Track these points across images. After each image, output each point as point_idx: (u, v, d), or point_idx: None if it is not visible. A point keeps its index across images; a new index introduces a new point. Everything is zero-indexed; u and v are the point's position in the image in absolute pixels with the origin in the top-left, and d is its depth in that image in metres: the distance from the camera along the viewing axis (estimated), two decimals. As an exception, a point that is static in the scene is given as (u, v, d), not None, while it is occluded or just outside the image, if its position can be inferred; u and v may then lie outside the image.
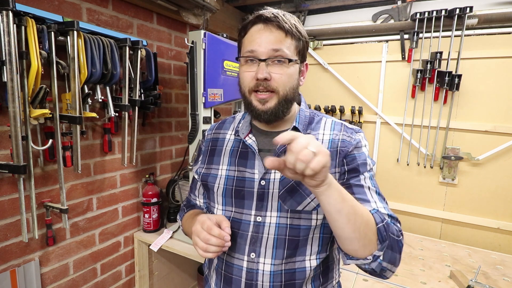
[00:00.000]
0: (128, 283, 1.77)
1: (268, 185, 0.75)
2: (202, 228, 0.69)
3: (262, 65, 0.70)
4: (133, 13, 1.58)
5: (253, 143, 0.79)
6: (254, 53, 0.71)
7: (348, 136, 0.77)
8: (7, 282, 1.20)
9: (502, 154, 1.77)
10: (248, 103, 0.76)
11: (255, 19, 0.73)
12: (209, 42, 1.47)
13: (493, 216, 1.81)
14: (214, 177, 0.83)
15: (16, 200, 1.19)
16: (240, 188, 0.78)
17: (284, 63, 0.72)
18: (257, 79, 0.71)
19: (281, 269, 0.75)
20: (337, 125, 0.80)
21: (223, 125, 0.91)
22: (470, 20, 1.72)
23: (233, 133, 0.86)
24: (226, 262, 0.79)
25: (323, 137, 0.78)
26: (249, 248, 0.76)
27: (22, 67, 1.07)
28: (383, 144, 2.07)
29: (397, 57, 1.97)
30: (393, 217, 0.74)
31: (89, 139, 1.46)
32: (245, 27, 0.76)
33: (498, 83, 1.74)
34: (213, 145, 0.88)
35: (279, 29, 0.71)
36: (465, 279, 1.28)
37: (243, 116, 0.88)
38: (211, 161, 0.86)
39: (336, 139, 0.77)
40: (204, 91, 1.48)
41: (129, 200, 1.71)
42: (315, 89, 2.23)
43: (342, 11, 2.13)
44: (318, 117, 0.83)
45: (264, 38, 0.71)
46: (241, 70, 0.76)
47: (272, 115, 0.74)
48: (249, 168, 0.78)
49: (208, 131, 0.94)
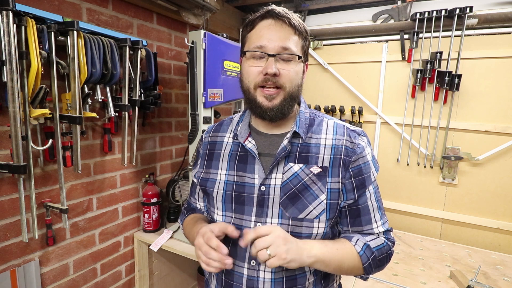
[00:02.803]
0: (128, 283, 1.77)
1: (269, 190, 0.73)
2: (203, 240, 0.69)
3: (272, 60, 0.69)
4: (133, 13, 1.58)
5: (253, 147, 0.77)
6: (263, 48, 0.70)
7: (351, 142, 0.75)
8: (7, 282, 1.20)
9: (502, 154, 1.77)
10: (252, 100, 0.73)
11: (265, 13, 0.72)
12: (209, 42, 1.47)
13: (493, 216, 1.81)
14: (213, 182, 0.80)
15: (16, 200, 1.19)
16: (239, 193, 0.76)
17: (292, 60, 0.71)
18: (266, 74, 0.69)
19: (282, 276, 0.74)
20: (340, 127, 0.78)
21: (221, 127, 0.88)
22: (470, 20, 1.72)
23: (231, 136, 0.83)
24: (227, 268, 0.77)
25: (326, 142, 0.76)
26: (250, 256, 0.74)
27: (22, 67, 1.07)
28: (383, 144, 2.07)
29: (397, 57, 1.97)
30: (388, 230, 0.80)
31: (89, 139, 1.46)
32: (252, 21, 0.74)
33: (498, 83, 1.74)
34: (211, 148, 0.85)
35: (290, 26, 0.70)
36: (465, 279, 1.28)
37: (241, 117, 0.85)
38: (210, 165, 0.83)
39: (340, 145, 0.75)
40: (204, 91, 1.48)
41: (129, 200, 1.71)
42: (315, 89, 2.23)
43: (342, 11, 2.13)
44: (319, 118, 0.80)
45: (274, 34, 0.70)
46: (246, 64, 0.73)
47: (278, 111, 0.72)
48: (249, 173, 0.76)
49: (205, 133, 0.91)
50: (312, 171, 0.73)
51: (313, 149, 0.75)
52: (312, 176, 0.73)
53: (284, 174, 0.73)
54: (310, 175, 0.73)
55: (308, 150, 0.75)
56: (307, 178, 0.73)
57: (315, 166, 0.73)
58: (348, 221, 0.77)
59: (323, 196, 0.72)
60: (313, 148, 0.75)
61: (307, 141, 0.76)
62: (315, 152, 0.75)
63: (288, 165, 0.74)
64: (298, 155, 0.75)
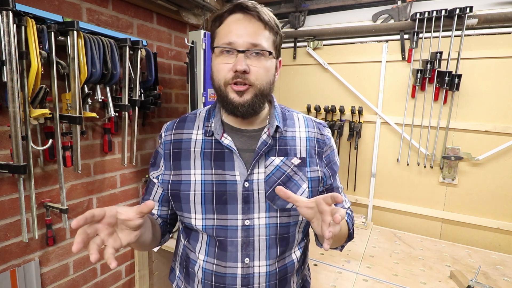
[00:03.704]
0: (128, 283, 1.77)
1: (252, 186, 0.73)
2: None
3: (241, 57, 0.67)
4: (133, 13, 1.58)
5: (231, 143, 0.74)
6: (232, 44, 0.67)
7: (321, 134, 0.83)
8: (7, 282, 1.20)
9: (502, 154, 1.77)
10: (223, 96, 0.71)
11: (234, 8, 0.69)
12: (209, 42, 1.47)
13: (493, 216, 1.81)
14: (187, 184, 0.74)
15: (16, 200, 1.19)
16: (221, 192, 0.73)
17: (262, 56, 0.69)
18: (235, 71, 0.67)
19: (276, 268, 0.76)
20: (309, 120, 0.84)
21: (184, 123, 0.81)
22: (470, 20, 1.72)
23: (201, 132, 0.78)
24: (216, 273, 0.74)
25: (300, 135, 0.80)
26: (242, 254, 0.73)
27: (22, 67, 1.07)
28: (383, 144, 2.07)
29: (397, 57, 1.97)
30: (349, 206, 0.91)
31: (89, 139, 1.46)
32: (220, 16, 0.71)
33: (498, 83, 1.74)
34: (177, 147, 0.78)
35: (259, 20, 0.68)
36: (465, 279, 1.28)
37: (211, 113, 0.80)
38: (179, 166, 0.76)
39: (312, 137, 0.81)
40: (204, 91, 1.48)
41: (129, 200, 1.71)
42: (315, 89, 2.23)
43: (342, 11, 2.13)
44: (289, 113, 0.84)
45: (243, 29, 0.67)
46: (216, 61, 0.71)
47: (250, 107, 0.70)
48: (228, 170, 0.73)
49: (164, 132, 0.82)
50: (293, 162, 0.76)
51: (290, 142, 0.78)
52: (293, 168, 0.76)
53: (266, 168, 0.74)
54: (291, 167, 0.76)
55: (286, 143, 0.78)
56: (289, 169, 0.76)
57: (295, 157, 0.77)
58: None
59: (305, 185, 0.76)
60: (290, 141, 0.78)
61: (284, 134, 0.78)
62: (292, 144, 0.78)
63: (270, 158, 0.75)
64: (278, 148, 0.76)
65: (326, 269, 1.41)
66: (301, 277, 0.88)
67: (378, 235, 1.81)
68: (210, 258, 0.75)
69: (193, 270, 0.78)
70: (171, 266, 0.93)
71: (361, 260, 1.49)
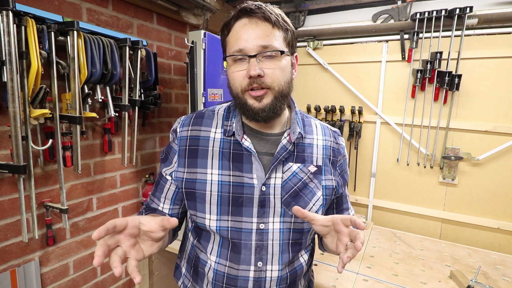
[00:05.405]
0: (128, 283, 1.77)
1: (269, 190, 0.72)
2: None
3: (253, 62, 0.65)
4: (133, 13, 1.58)
5: (251, 145, 0.73)
6: (243, 50, 0.66)
7: (336, 143, 0.84)
8: (7, 282, 1.20)
9: (502, 154, 1.76)
10: (242, 104, 0.70)
11: (238, 13, 0.68)
12: (209, 42, 1.47)
13: (493, 216, 1.81)
14: (203, 183, 0.73)
15: (16, 200, 1.19)
16: (238, 194, 0.72)
17: (275, 56, 0.67)
18: (250, 77, 0.66)
19: (286, 272, 0.76)
20: (325, 129, 0.85)
21: (202, 120, 0.78)
22: (470, 20, 1.72)
23: (219, 131, 0.76)
24: (228, 275, 0.74)
25: (317, 142, 0.80)
26: (256, 258, 0.73)
27: (22, 67, 1.07)
28: (383, 144, 2.07)
29: (397, 57, 1.97)
30: (353, 213, 0.94)
31: (89, 139, 1.46)
32: (227, 24, 0.70)
33: (498, 83, 1.74)
34: (193, 144, 0.76)
35: (265, 21, 0.66)
36: (465, 279, 1.28)
37: (231, 112, 0.78)
38: (194, 164, 0.75)
39: (328, 146, 0.81)
40: (204, 91, 1.48)
41: (129, 200, 1.71)
42: (315, 89, 2.23)
43: (342, 11, 2.13)
44: (308, 119, 0.84)
45: (251, 33, 0.66)
46: (230, 70, 0.70)
47: (270, 111, 0.69)
48: (246, 173, 0.72)
49: (180, 127, 0.79)
50: (309, 170, 0.76)
51: (308, 149, 0.78)
52: (310, 175, 0.76)
53: (284, 174, 0.74)
54: (308, 174, 0.76)
55: (304, 150, 0.77)
56: (306, 176, 0.76)
57: (312, 165, 0.77)
58: (334, 210, 0.88)
59: (319, 193, 0.77)
60: (307, 148, 0.78)
61: (302, 141, 0.78)
62: (310, 152, 0.78)
63: (288, 164, 0.75)
64: (296, 155, 0.76)
65: (326, 269, 1.41)
66: (307, 278, 0.89)
67: (378, 235, 1.81)
68: (222, 259, 0.74)
69: (203, 270, 0.77)
70: (176, 263, 0.92)
71: (361, 260, 1.49)
